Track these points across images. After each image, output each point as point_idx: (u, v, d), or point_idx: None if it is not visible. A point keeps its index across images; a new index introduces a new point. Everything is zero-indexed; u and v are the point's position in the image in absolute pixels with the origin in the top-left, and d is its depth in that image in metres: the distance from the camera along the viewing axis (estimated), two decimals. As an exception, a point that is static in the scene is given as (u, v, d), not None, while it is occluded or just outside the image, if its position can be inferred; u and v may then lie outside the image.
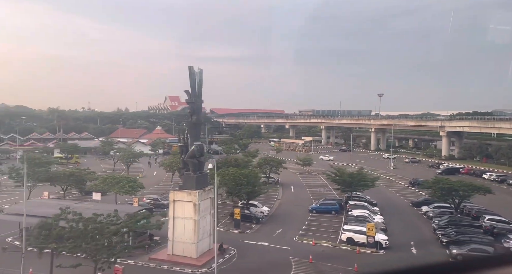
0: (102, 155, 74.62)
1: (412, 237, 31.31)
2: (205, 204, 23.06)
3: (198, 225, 22.12)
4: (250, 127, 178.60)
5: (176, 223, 22.47)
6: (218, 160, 51.44)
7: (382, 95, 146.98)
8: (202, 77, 24.46)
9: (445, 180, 36.68)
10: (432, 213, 37.89)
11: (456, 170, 71.57)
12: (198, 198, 21.78)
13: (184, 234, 22.24)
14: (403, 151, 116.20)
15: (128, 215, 19.56)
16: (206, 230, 23.59)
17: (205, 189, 23.09)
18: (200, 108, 25.13)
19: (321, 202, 39.93)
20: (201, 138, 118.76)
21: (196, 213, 21.79)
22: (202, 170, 23.94)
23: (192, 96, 24.01)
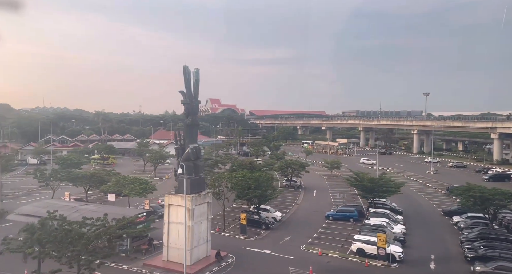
0: (137, 156, 78.34)
1: (435, 251, 28.30)
2: (201, 209, 22.59)
3: (192, 230, 21.55)
4: (285, 129, 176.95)
5: (171, 228, 22.10)
6: (234, 163, 51.33)
7: (428, 94, 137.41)
8: (199, 77, 23.76)
9: (477, 188, 32.73)
10: (463, 223, 34.10)
11: (507, 176, 64.19)
12: (192, 203, 21.39)
13: (178, 239, 21.77)
14: (450, 154, 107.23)
15: (114, 219, 19.68)
16: (203, 236, 23.01)
17: (200, 193, 22.62)
18: (196, 109, 24.31)
19: (338, 209, 37.87)
20: (225, 139, 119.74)
21: (190, 218, 21.30)
22: (199, 174, 23.55)
23: (187, 96, 23.32)
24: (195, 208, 21.60)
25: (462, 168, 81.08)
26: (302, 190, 53.93)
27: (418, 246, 29.44)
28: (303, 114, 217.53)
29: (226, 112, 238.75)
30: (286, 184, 55.16)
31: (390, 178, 42.09)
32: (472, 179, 66.94)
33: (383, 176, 40.40)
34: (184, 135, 23.84)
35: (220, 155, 73.68)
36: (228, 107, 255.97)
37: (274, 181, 57.40)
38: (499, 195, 30.66)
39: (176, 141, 24.11)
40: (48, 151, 72.59)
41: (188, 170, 22.21)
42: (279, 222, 35.33)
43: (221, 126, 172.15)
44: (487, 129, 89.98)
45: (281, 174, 55.80)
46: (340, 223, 35.51)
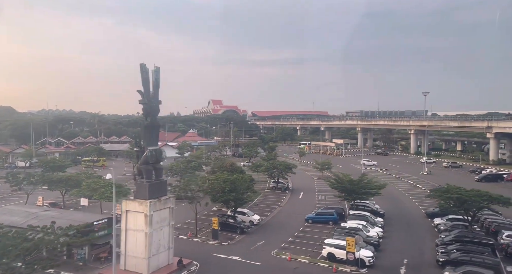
0: (129, 158, 78.19)
1: (409, 255, 27.71)
2: (162, 215, 22.02)
3: (150, 238, 20.89)
4: (283, 129, 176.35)
5: (128, 235, 21.37)
6: (215, 165, 50.95)
7: (427, 94, 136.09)
8: (159, 76, 22.86)
9: (456, 189, 32.03)
10: (443, 226, 33.45)
11: (499, 177, 63.19)
12: (150, 209, 20.87)
13: (136, 247, 21.07)
14: (448, 155, 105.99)
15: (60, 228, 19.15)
16: (163, 244, 22.27)
17: (160, 198, 22.09)
18: (156, 110, 23.33)
19: (318, 211, 37.34)
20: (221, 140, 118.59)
21: (147, 225, 20.73)
22: (160, 177, 23.02)
23: (145, 96, 22.40)
24: (153, 214, 21.11)
25: (457, 168, 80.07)
26: (289, 192, 53.43)
27: (393, 250, 28.86)
28: (305, 115, 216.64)
29: (228, 113, 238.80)
30: (273, 186, 54.69)
31: (371, 179, 41.48)
32: (466, 180, 66.16)
33: (363, 177, 39.80)
34: (143, 137, 23.07)
35: (209, 157, 73.25)
36: (229, 108, 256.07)
37: (258, 183, 57.31)
38: (476, 196, 29.98)
39: (135, 143, 23.47)
40: (39, 153, 72.73)
41: (147, 174, 21.79)
42: (257, 226, 34.85)
43: (219, 127, 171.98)
44: (483, 129, 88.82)
45: (268, 175, 55.33)
46: (318, 226, 35.00)
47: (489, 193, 31.05)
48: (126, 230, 21.32)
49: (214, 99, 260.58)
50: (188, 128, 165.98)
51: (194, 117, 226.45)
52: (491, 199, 30.38)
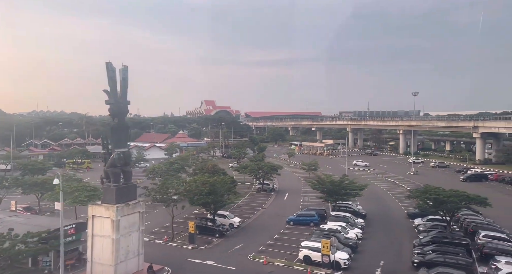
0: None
1: (386, 256, 27.61)
2: (130, 220, 21.40)
3: (117, 244, 20.25)
4: (275, 130, 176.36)
5: (95, 241, 20.66)
6: (197, 167, 50.44)
7: (417, 94, 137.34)
8: (127, 75, 22.09)
9: (434, 190, 32.10)
10: (423, 226, 33.48)
11: (483, 176, 63.77)
12: (117, 213, 20.30)
13: (103, 254, 20.41)
14: (436, 154, 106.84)
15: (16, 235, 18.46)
16: (133, 250, 21.63)
17: (129, 202, 21.55)
18: (124, 110, 22.51)
19: (299, 213, 37.12)
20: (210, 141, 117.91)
21: (114, 231, 20.14)
22: (129, 181, 22.45)
23: (111, 96, 21.66)
24: (121, 219, 20.58)
25: (444, 168, 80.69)
26: (275, 193, 53.18)
27: (371, 251, 28.75)
28: (298, 116, 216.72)
29: (220, 114, 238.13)
30: (258, 187, 54.39)
31: (353, 180, 41.44)
32: (451, 180, 66.66)
33: (344, 178, 39.71)
34: (110, 139, 22.31)
35: (196, 158, 72.66)
36: (222, 109, 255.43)
37: (244, 184, 56.90)
38: (454, 197, 30.05)
39: (103, 146, 22.82)
40: (22, 155, 71.37)
41: (115, 177, 21.25)
42: (237, 229, 34.46)
43: (210, 128, 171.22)
44: (470, 129, 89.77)
45: (253, 176, 54.99)
46: (299, 228, 34.74)
47: (466, 193, 31.16)
48: (93, 236, 20.72)
49: (206, 100, 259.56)
50: (179, 129, 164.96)
51: (185, 118, 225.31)
52: (468, 199, 30.50)
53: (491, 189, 56.39)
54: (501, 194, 52.75)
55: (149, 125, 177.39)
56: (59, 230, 20.09)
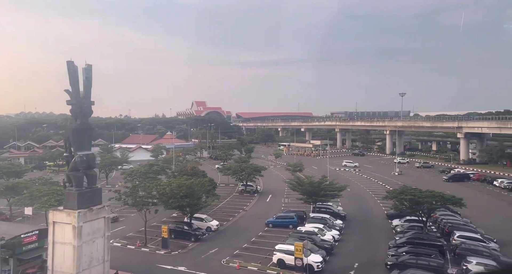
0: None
1: (361, 258, 27.49)
2: (94, 226, 20.59)
3: (80, 251, 19.35)
4: (264, 131, 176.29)
5: (56, 249, 19.68)
6: (176, 169, 49.74)
7: (404, 94, 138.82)
8: (91, 74, 21.18)
9: (410, 190, 32.18)
10: (400, 227, 33.51)
11: (466, 176, 64.51)
12: (78, 219, 19.57)
13: (64, 262, 19.44)
14: (422, 155, 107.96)
15: None
16: (97, 257, 20.67)
17: (93, 207, 20.85)
18: (87, 111, 21.43)
19: (278, 215, 36.82)
20: (198, 142, 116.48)
21: (76, 237, 19.21)
22: (93, 185, 21.74)
23: (73, 96, 20.61)
24: (83, 225, 19.86)
25: (429, 168, 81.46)
26: (258, 195, 52.84)
27: (346, 253, 28.61)
28: (289, 116, 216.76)
29: (211, 115, 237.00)
30: (242, 189, 53.98)
31: (333, 181, 41.37)
32: (434, 179, 67.33)
33: (324, 179, 39.59)
34: (72, 142, 21.35)
35: (180, 160, 71.86)
36: (213, 110, 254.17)
37: (228, 186, 56.38)
38: (429, 197, 30.13)
39: (65, 148, 21.86)
40: (2, 157, 69.55)
41: (77, 181, 20.52)
42: (214, 232, 33.95)
43: (199, 129, 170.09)
44: (454, 129, 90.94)
45: (236, 178, 54.53)
46: (278, 231, 34.41)
47: (441, 194, 31.30)
48: (54, 243, 19.91)
49: (197, 101, 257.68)
50: (168, 130, 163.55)
51: (175, 119, 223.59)
52: (444, 200, 30.62)
53: (472, 188, 57.09)
54: (481, 193, 53.40)
55: (137, 126, 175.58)
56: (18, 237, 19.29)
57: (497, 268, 22.63)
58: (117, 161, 62.09)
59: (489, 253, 25.11)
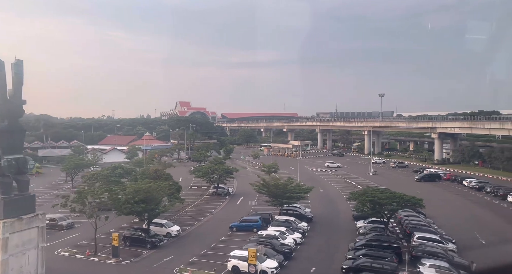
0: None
1: (319, 262, 26.94)
2: (25, 236, 19.03)
3: (6, 265, 17.94)
4: (245, 131, 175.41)
5: None
6: (138, 172, 48.22)
7: (383, 95, 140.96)
8: (22, 70, 19.63)
9: (371, 191, 31.97)
10: (363, 229, 33.23)
11: (437, 176, 65.44)
12: (4, 230, 18.00)
13: None
14: (399, 155, 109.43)
15: None
16: (28, 270, 19.27)
17: (23, 216, 19.29)
18: (17, 111, 19.86)
19: (243, 218, 35.94)
20: (176, 144, 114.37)
21: (1, 250, 17.64)
22: (25, 191, 20.22)
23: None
24: (10, 236, 18.37)
25: (403, 168, 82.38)
26: (229, 197, 51.84)
27: (305, 257, 28.00)
28: (274, 117, 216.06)
29: (195, 115, 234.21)
30: (213, 192, 52.83)
31: (299, 182, 40.88)
32: (406, 179, 68.07)
33: (290, 181, 39.03)
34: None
35: (153, 162, 70.05)
36: (197, 110, 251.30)
37: (201, 188, 55.02)
38: (389, 199, 29.93)
39: None
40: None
41: (4, 188, 19.01)
42: (174, 238, 32.70)
43: (180, 130, 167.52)
44: (428, 129, 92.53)
45: (206, 180, 53.29)
46: (242, 235, 33.51)
47: (401, 195, 31.19)
48: (-22, 256, 18.37)
49: (181, 101, 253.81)
50: (147, 131, 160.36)
51: (156, 120, 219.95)
52: (404, 201, 30.49)
53: (442, 188, 57.88)
54: (450, 193, 54.13)
55: (116, 127, 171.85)
56: None
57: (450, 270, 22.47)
58: (82, 164, 59.61)
59: (444, 254, 24.95)
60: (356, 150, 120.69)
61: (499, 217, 39.61)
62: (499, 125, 68.54)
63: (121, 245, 28.57)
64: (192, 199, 49.33)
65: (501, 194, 47.20)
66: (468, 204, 46.74)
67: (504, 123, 67.11)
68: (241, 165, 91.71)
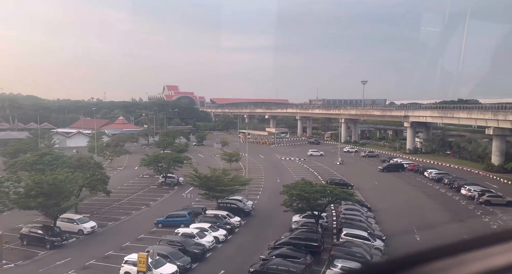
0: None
1: (232, 264, 24.72)
2: None
3: None
4: (225, 117, 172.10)
5: None
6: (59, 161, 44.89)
7: (366, 82, 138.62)
8: None
9: (301, 185, 29.68)
10: (295, 224, 31.12)
11: (400, 166, 63.84)
12: None
13: None
14: (373, 144, 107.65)
15: None
16: None
17: None
18: None
19: (169, 214, 33.31)
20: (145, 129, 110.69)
21: None
22: None
23: None
24: None
25: (373, 158, 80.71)
26: (178, 188, 49.17)
27: (220, 259, 25.75)
28: (263, 103, 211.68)
29: (182, 100, 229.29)
30: (162, 181, 50.11)
31: (237, 174, 38.37)
32: (371, 169, 66.39)
33: (225, 173, 36.49)
34: None
35: (109, 148, 66.70)
36: (185, 95, 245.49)
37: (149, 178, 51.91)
38: (317, 192, 27.66)
39: None
40: None
41: None
42: (87, 235, 29.87)
43: (162, 114, 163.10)
44: (401, 118, 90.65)
45: (153, 169, 50.42)
46: (165, 232, 30.84)
47: (331, 189, 28.96)
48: None
49: (169, 85, 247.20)
50: (127, 115, 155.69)
51: (135, 103, 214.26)
52: (332, 195, 28.32)
53: (401, 179, 56.25)
54: (407, 184, 52.52)
55: (93, 110, 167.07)
56: None
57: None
58: (22, 148, 55.27)
59: (362, 254, 22.77)
60: (330, 138, 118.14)
61: (446, 211, 37.95)
62: (466, 115, 66.77)
63: (17, 245, 25.78)
64: (136, 190, 46.53)
65: (456, 186, 45.64)
66: (421, 196, 45.07)
67: (471, 113, 65.30)
68: (211, 152, 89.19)
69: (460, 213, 36.97)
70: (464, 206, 39.66)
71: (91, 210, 35.61)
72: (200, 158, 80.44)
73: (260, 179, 56.10)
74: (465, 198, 42.19)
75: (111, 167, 62.45)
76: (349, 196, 29.08)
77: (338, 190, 28.92)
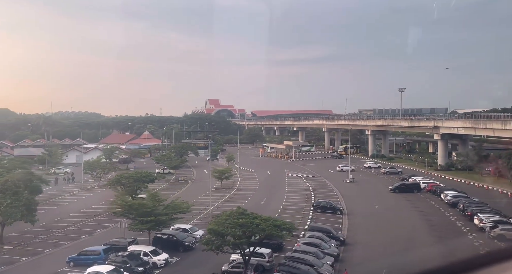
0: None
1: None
2: None
3: None
4: (251, 130, 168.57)
5: None
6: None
7: (404, 90, 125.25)
8: None
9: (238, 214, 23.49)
10: (226, 266, 24.93)
11: (416, 186, 53.55)
12: None
13: None
14: (406, 158, 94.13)
15: None
16: None
17: None
18: None
19: (83, 250, 28.51)
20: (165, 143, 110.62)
21: None
22: None
23: None
24: None
25: (395, 175, 69.94)
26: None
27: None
28: (305, 114, 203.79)
29: (221, 113, 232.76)
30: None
31: (175, 200, 33.05)
32: (381, 190, 56.52)
33: (157, 199, 31.44)
34: None
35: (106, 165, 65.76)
36: (224, 108, 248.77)
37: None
38: (236, 227, 21.48)
39: None
40: None
41: None
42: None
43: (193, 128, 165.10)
44: (431, 129, 78.54)
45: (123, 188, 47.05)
46: (78, 271, 26.51)
47: (258, 222, 22.30)
48: None
49: (211, 99, 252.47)
50: (160, 130, 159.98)
51: (169, 118, 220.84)
52: (258, 230, 21.86)
53: (411, 202, 46.23)
54: (414, 210, 42.73)
55: (128, 125, 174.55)
56: None
57: None
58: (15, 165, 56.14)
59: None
60: (343, 152, 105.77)
61: (443, 249, 28.34)
62: (501, 126, 54.35)
63: None
64: (94, 214, 42.74)
65: (469, 213, 35.51)
66: (420, 226, 35.59)
67: (507, 123, 52.90)
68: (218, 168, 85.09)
69: (459, 254, 27.38)
70: (470, 242, 29.87)
71: (21, 240, 32.76)
72: (204, 173, 76.44)
73: (244, 199, 50.30)
74: (476, 230, 32.34)
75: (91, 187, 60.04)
76: (283, 231, 22.28)
77: (265, 224, 22.32)
